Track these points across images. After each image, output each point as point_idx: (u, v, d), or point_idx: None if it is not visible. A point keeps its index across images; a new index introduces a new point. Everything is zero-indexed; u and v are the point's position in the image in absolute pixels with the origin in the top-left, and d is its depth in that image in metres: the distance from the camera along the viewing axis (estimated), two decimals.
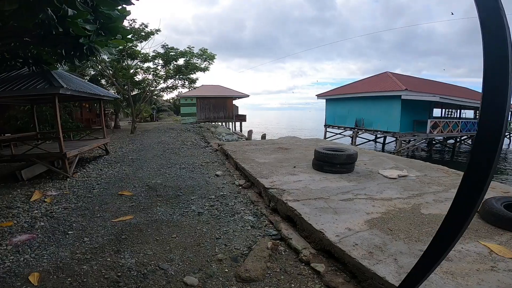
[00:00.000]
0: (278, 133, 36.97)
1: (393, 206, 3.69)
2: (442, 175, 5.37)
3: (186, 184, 5.72)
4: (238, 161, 6.51)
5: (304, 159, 6.65)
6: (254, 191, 4.99)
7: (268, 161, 6.42)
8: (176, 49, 17.79)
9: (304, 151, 7.76)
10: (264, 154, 7.44)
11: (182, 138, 13.76)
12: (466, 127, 17.22)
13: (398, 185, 4.64)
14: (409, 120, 16.24)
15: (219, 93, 29.54)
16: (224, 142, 12.23)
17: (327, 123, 21.79)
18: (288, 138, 10.91)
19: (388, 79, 17.61)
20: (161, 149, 10.25)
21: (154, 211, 4.31)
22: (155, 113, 40.91)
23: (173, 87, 21.17)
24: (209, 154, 9.14)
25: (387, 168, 5.80)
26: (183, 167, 7.31)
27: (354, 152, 5.27)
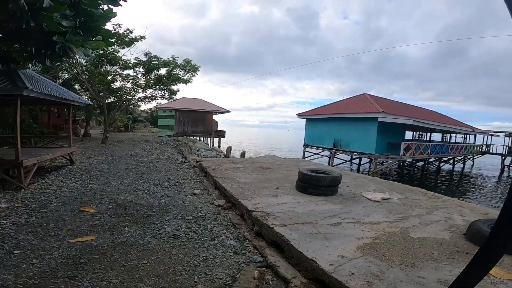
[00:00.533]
0: (258, 151, 36.92)
1: (382, 230, 3.57)
2: (422, 198, 5.43)
3: (160, 202, 5.26)
4: (218, 179, 6.17)
5: (287, 179, 6.46)
6: (235, 212, 4.67)
7: (249, 181, 6.15)
8: (159, 58, 17.40)
9: (285, 171, 7.59)
10: (245, 173, 7.17)
11: (157, 151, 13.13)
12: (435, 150, 18.22)
13: (383, 208, 4.56)
14: (384, 142, 16.87)
15: (200, 107, 29.14)
16: (202, 158, 11.81)
17: (306, 143, 22.08)
18: (268, 157, 10.75)
19: (366, 101, 18.36)
20: (133, 162, 9.61)
21: (122, 232, 3.83)
22: (131, 123, 39.42)
23: (152, 97, 20.52)
24: (186, 170, 8.69)
25: (370, 190, 5.76)
26: (157, 183, 6.82)
27: (338, 174, 5.18)
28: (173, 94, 19.96)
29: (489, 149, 28.93)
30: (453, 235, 3.54)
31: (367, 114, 16.02)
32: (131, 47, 16.94)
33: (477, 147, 26.58)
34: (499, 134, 28.34)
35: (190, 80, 18.17)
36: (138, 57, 17.02)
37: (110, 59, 17.21)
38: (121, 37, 16.16)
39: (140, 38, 16.64)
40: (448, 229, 3.75)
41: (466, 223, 3.95)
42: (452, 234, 3.57)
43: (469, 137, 27.80)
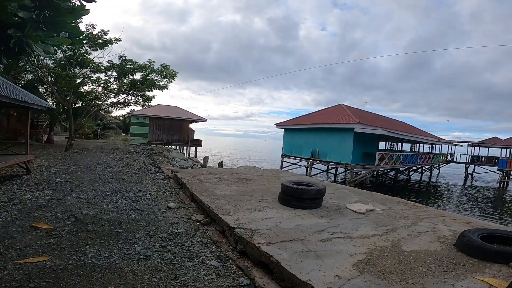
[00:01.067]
0: (235, 161, 36.48)
1: (374, 244, 3.40)
2: (404, 208, 5.41)
3: (129, 217, 4.74)
4: (195, 192, 5.75)
5: (268, 191, 6.19)
6: (215, 228, 4.29)
7: (229, 194, 5.78)
8: (135, 62, 16.61)
9: (266, 182, 7.32)
10: (224, 185, 6.79)
11: (129, 160, 12.32)
12: (406, 159, 19.01)
13: (369, 221, 4.43)
14: (359, 152, 17.28)
15: (176, 115, 28.26)
16: (178, 168, 11.22)
17: (284, 153, 22.07)
18: (247, 168, 10.44)
19: (342, 111, 18.80)
20: (100, 172, 8.84)
21: (82, 252, 3.31)
22: (100, 130, 37.32)
23: (125, 103, 19.51)
24: (159, 181, 8.12)
25: (353, 202, 5.65)
26: (127, 195, 6.23)
27: (322, 187, 5.00)
28: (148, 101, 19.11)
29: (453, 158, 30.91)
30: (444, 247, 3.45)
31: (344, 125, 16.36)
32: (105, 50, 16.04)
33: (442, 157, 28.28)
34: (462, 144, 30.45)
35: (166, 87, 17.52)
36: (112, 60, 16.08)
37: (80, 61, 16.15)
38: (94, 38, 15.26)
39: (115, 40, 15.81)
40: (437, 240, 3.67)
41: (453, 233, 3.92)
42: (443, 246, 3.49)
43: (435, 147, 29.51)
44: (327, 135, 18.02)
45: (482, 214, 13.34)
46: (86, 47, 15.76)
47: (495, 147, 24.56)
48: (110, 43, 15.58)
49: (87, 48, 15.77)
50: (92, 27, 15.03)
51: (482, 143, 29.38)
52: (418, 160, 20.73)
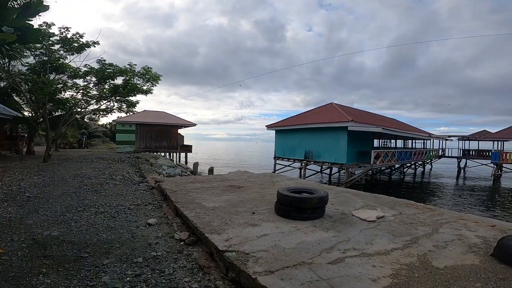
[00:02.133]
0: (227, 165, 35.67)
1: (397, 262, 2.77)
2: (416, 212, 4.83)
3: (99, 238, 3.98)
4: (179, 205, 5.01)
5: (263, 200, 5.49)
6: (202, 249, 3.57)
7: (218, 205, 5.07)
8: (115, 65, 15.70)
9: (260, 189, 6.63)
10: (213, 194, 6.07)
11: (111, 170, 11.41)
12: (401, 157, 18.65)
13: (383, 230, 3.80)
14: (353, 151, 16.81)
15: (163, 120, 27.29)
16: (163, 177, 10.43)
17: (276, 155, 21.43)
18: (239, 173, 9.73)
19: (334, 110, 18.32)
20: (76, 185, 7.98)
21: (33, 282, 2.62)
22: (85, 139, 35.89)
23: (107, 110, 18.52)
24: (142, 193, 7.32)
25: (358, 207, 5.03)
26: (102, 211, 5.43)
27: (325, 193, 4.34)
28: (132, 106, 18.23)
29: (444, 153, 30.97)
30: (481, 258, 2.87)
31: (337, 124, 15.87)
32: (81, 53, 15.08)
33: (434, 152, 28.25)
34: (452, 138, 30.53)
35: (150, 91, 16.67)
36: (89, 65, 15.13)
37: (56, 67, 15.15)
38: (69, 42, 14.31)
39: (92, 43, 14.89)
40: (470, 251, 3.07)
41: (483, 240, 3.34)
42: (479, 257, 2.90)
43: (427, 142, 29.47)
44: (320, 135, 17.49)
45: (486, 210, 12.99)
46: (62, 52, 14.85)
47: (487, 140, 24.60)
48: (87, 46, 14.68)
49: (62, 52, 14.84)
50: (66, 30, 14.12)
51: (472, 136, 29.53)
52: (412, 157, 20.47)
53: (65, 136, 27.29)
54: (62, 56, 14.96)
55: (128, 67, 15.32)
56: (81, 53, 15.01)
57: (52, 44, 14.31)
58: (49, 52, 14.42)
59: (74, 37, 14.25)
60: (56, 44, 14.44)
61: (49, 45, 14.21)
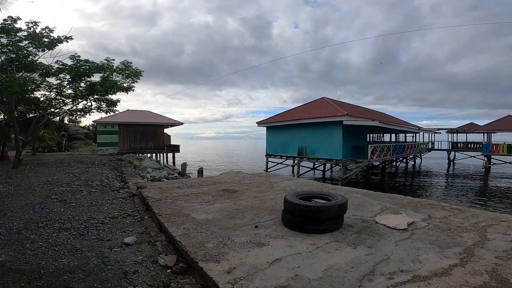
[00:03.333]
0: (217, 165, 34.58)
1: (467, 284, 2.05)
2: (447, 214, 4.13)
3: (58, 265, 3.04)
4: (163, 219, 4.09)
5: (264, 207, 4.64)
6: (196, 280, 2.68)
7: (212, 217, 4.18)
8: (92, 62, 14.37)
9: (258, 193, 5.77)
10: (204, 202, 5.16)
11: (88, 175, 10.29)
12: (395, 151, 18.23)
13: (422, 241, 3.07)
14: (349, 146, 16.20)
15: (148, 120, 25.94)
16: (147, 181, 9.42)
17: (268, 153, 20.61)
18: (232, 174, 8.84)
19: (327, 104, 17.62)
20: (44, 194, 6.90)
21: None
22: (65, 142, 33.96)
23: (85, 110, 17.13)
24: (121, 201, 6.33)
25: (377, 211, 4.27)
26: (68, 226, 4.45)
27: (344, 199, 3.54)
28: (112, 106, 16.90)
29: (433, 146, 31.08)
30: None
31: (331, 118, 15.18)
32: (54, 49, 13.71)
33: (425, 145, 28.23)
34: (440, 131, 30.64)
35: (131, 88, 15.41)
36: (60, 61, 13.78)
37: (26, 64, 13.72)
38: (37, 37, 12.95)
39: (65, 39, 13.54)
40: None
41: None
42: None
43: (418, 136, 29.40)
44: (313, 130, 16.77)
45: (486, 202, 12.65)
46: (31, 48, 13.47)
47: (477, 132, 24.70)
48: (59, 42, 13.35)
49: (31, 49, 13.46)
50: (35, 24, 12.78)
51: (461, 129, 29.70)
52: (405, 150, 20.15)
53: (42, 139, 25.55)
54: (32, 53, 13.58)
55: (105, 62, 14.04)
56: (53, 49, 13.70)
57: (19, 40, 12.96)
58: (16, 49, 13.03)
59: (43, 32, 12.95)
60: (24, 40, 13.11)
61: (16, 41, 12.85)
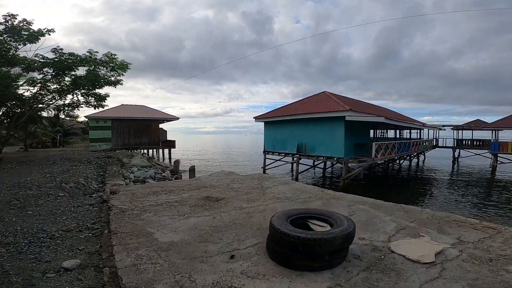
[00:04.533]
0: (214, 161, 33.75)
1: None
2: (481, 236, 3.20)
3: None
4: (116, 239, 3.22)
5: (248, 225, 3.74)
6: None
7: (180, 238, 3.30)
8: (76, 55, 13.47)
9: (245, 202, 4.87)
10: (178, 214, 4.27)
11: (66, 175, 9.41)
12: (400, 148, 17.25)
13: (460, 283, 2.17)
14: (351, 143, 15.26)
15: (142, 115, 25.01)
16: (129, 182, 8.55)
17: (266, 149, 19.68)
18: (222, 175, 7.94)
19: (328, 99, 16.57)
20: (5, 199, 6.06)
21: None
22: (60, 137, 33.14)
23: (73, 105, 16.26)
24: (86, 209, 5.45)
25: (390, 232, 3.35)
26: (10, 241, 3.71)
27: (351, 226, 2.57)
28: (101, 100, 16.01)
29: (438, 143, 30.06)
30: None
31: (333, 113, 14.20)
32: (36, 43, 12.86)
33: (429, 142, 27.23)
34: (445, 128, 29.58)
35: (119, 82, 14.51)
36: (40, 54, 12.93)
37: (6, 59, 12.86)
38: (15, 30, 12.11)
39: (46, 32, 12.67)
40: None
41: None
42: None
43: (422, 132, 28.35)
44: (314, 126, 15.79)
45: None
46: (12, 42, 12.62)
47: (485, 129, 23.65)
48: (41, 35, 12.50)
49: (12, 43, 12.62)
50: (12, 18, 11.96)
51: (467, 126, 28.66)
52: (410, 148, 19.18)
53: (35, 135, 24.81)
54: (13, 47, 12.72)
55: (88, 55, 13.11)
56: (35, 43, 12.84)
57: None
58: None
59: (22, 25, 12.10)
60: (4, 34, 12.31)
61: None
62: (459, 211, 10.72)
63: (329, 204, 4.61)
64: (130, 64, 14.24)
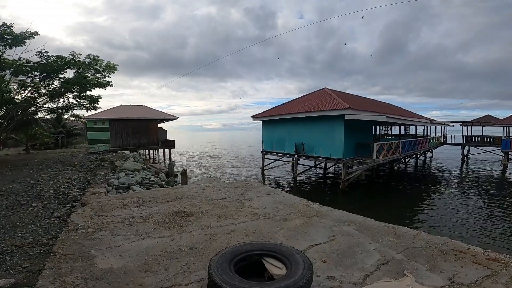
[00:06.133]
0: (212, 161, 33.40)
1: None
2: (480, 275, 2.57)
3: None
4: (50, 263, 2.83)
5: (206, 251, 3.22)
6: None
7: (121, 266, 2.86)
8: (65, 57, 13.14)
9: (217, 219, 4.35)
10: (136, 234, 3.81)
11: (49, 182, 9.09)
12: (405, 147, 16.43)
13: None
14: (351, 143, 14.56)
15: (140, 115, 24.71)
16: (111, 189, 8.15)
17: (264, 149, 19.12)
18: (206, 183, 7.45)
19: (327, 96, 15.85)
20: None
21: None
22: (63, 138, 33.25)
23: (67, 107, 16.03)
24: (52, 222, 5.07)
25: (370, 266, 2.79)
26: None
27: (305, 279, 2.02)
28: (94, 102, 15.71)
29: (446, 140, 28.92)
30: None
31: (331, 112, 13.53)
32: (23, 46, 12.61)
33: (437, 139, 26.20)
34: (454, 124, 28.43)
35: (109, 83, 14.17)
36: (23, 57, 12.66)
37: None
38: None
39: (30, 35, 12.36)
40: None
41: None
42: None
43: (430, 129, 27.29)
44: (312, 125, 15.14)
45: None
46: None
47: (497, 125, 22.49)
48: (26, 38, 12.21)
49: None
50: None
51: (477, 121, 27.48)
52: (417, 146, 18.29)
53: (36, 137, 24.92)
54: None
55: (70, 57, 12.76)
56: (21, 46, 12.58)
57: None
58: None
59: (2, 30, 11.81)
60: None
61: None
62: (465, 221, 9.96)
63: (310, 223, 4.07)
64: (117, 65, 13.86)
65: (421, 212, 11.18)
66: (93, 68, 13.15)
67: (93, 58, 13.14)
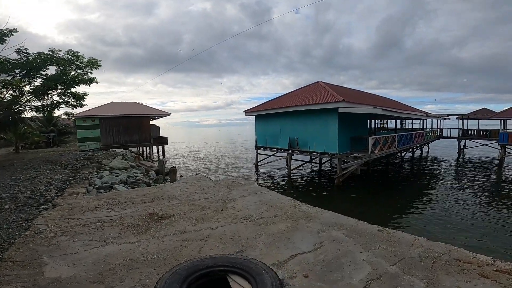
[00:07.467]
0: (204, 158, 32.89)
1: None
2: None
3: None
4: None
5: (172, 262, 2.82)
6: None
7: (71, 275, 2.57)
8: (45, 54, 12.57)
9: (193, 223, 3.94)
10: (99, 239, 3.41)
11: (29, 183, 8.65)
12: (401, 141, 16.11)
13: None
14: (346, 137, 14.19)
15: (131, 112, 24.11)
16: (91, 189, 7.71)
17: (258, 144, 18.71)
18: (190, 181, 7.03)
19: (321, 89, 15.41)
20: None
21: None
22: (54, 137, 32.57)
23: (53, 105, 15.46)
24: (19, 225, 4.65)
25: (358, 282, 2.42)
26: None
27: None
28: (80, 100, 15.17)
29: (442, 133, 28.72)
30: None
31: (325, 105, 13.11)
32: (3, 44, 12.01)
33: (433, 133, 25.96)
34: (450, 117, 28.20)
35: (93, 79, 13.65)
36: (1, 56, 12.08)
37: None
38: None
39: (8, 32, 11.76)
40: None
41: None
42: None
43: (426, 122, 27.02)
44: (306, 119, 14.75)
45: None
46: None
47: (494, 118, 22.22)
48: (5, 36, 11.62)
49: None
50: None
51: (473, 114, 27.23)
52: (413, 140, 17.99)
53: (25, 136, 24.30)
54: None
55: (49, 53, 12.20)
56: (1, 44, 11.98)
57: None
58: None
59: None
60: None
61: None
62: (465, 215, 9.67)
63: (296, 227, 3.68)
64: (100, 61, 13.34)
65: (417, 208, 10.87)
66: (74, 64, 12.59)
67: (73, 54, 12.58)
